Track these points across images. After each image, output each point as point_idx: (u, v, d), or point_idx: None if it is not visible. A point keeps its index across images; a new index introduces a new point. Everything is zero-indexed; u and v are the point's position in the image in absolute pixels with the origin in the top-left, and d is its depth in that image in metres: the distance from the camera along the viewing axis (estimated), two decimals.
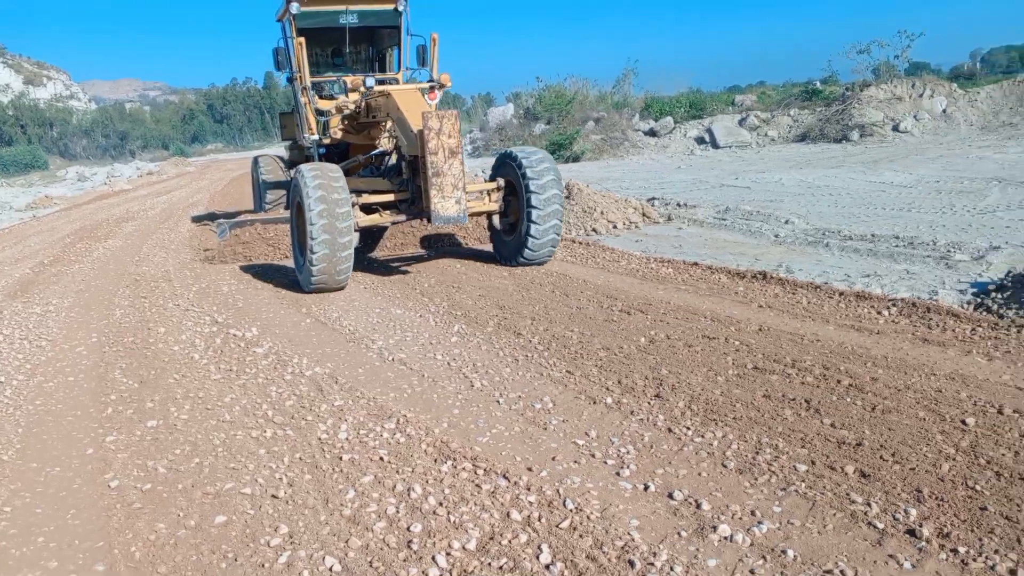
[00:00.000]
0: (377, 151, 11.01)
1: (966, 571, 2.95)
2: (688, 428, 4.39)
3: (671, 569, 3.05)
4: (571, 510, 3.56)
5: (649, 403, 4.80)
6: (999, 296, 6.33)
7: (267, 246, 11.02)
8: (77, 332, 7.59)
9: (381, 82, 10.80)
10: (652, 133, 32.70)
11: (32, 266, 12.09)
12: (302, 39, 10.64)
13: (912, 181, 15.35)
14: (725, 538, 3.27)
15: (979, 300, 6.45)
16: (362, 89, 9.89)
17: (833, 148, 25.28)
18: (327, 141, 11.27)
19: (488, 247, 10.61)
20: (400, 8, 11.44)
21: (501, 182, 9.39)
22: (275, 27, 12.66)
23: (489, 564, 3.18)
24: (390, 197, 9.12)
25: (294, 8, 10.96)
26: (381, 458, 4.24)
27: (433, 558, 3.23)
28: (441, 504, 3.69)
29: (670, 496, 3.65)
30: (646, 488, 3.75)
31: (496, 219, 9.69)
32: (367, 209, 9.04)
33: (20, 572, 3.34)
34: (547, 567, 3.13)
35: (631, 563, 3.11)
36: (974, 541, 3.12)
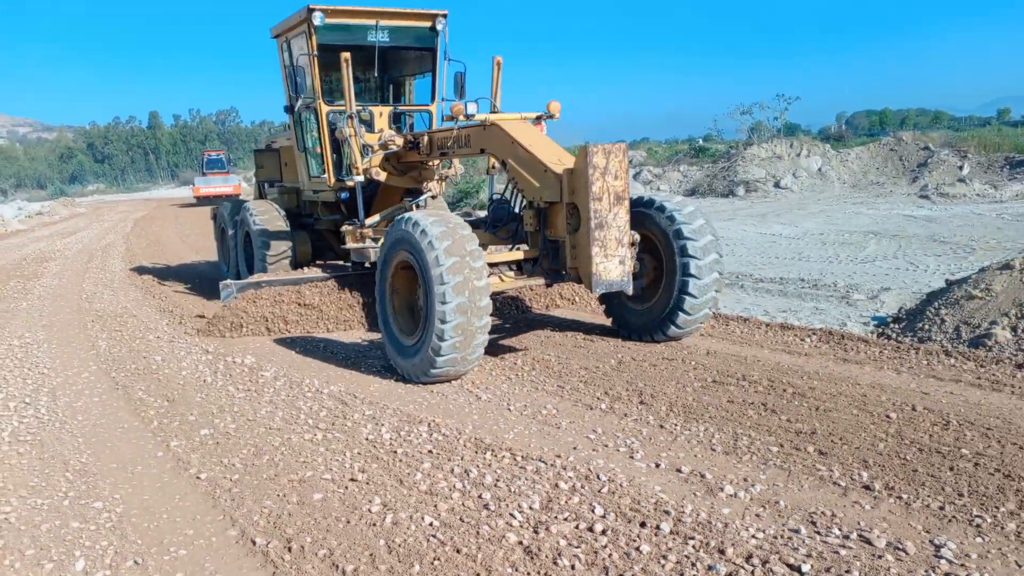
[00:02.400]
0: (425, 195, 9.99)
1: (910, 509, 4.05)
2: (676, 424, 5.41)
3: (698, 515, 4.03)
4: (605, 481, 4.49)
5: (637, 407, 5.80)
6: (896, 326, 7.70)
7: (290, 314, 9.06)
8: (71, 361, 8.00)
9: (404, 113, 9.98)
10: None
11: None
12: (347, 54, 8.79)
13: (799, 233, 17.18)
14: (731, 495, 4.27)
15: (880, 330, 7.81)
16: (462, 118, 7.94)
17: (722, 202, 27.41)
18: (351, 184, 9.55)
19: (570, 313, 9.52)
20: (439, 27, 9.94)
21: (636, 236, 7.19)
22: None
23: (556, 516, 4.07)
24: (518, 255, 7.45)
25: (317, 19, 9.24)
26: (430, 451, 5.07)
27: (511, 514, 4.10)
28: (499, 480, 4.56)
29: (678, 471, 4.64)
30: (657, 466, 4.73)
31: None
32: None
33: (166, 537, 4.01)
34: (603, 516, 4.05)
35: (667, 512, 4.07)
36: (912, 491, 4.23)
